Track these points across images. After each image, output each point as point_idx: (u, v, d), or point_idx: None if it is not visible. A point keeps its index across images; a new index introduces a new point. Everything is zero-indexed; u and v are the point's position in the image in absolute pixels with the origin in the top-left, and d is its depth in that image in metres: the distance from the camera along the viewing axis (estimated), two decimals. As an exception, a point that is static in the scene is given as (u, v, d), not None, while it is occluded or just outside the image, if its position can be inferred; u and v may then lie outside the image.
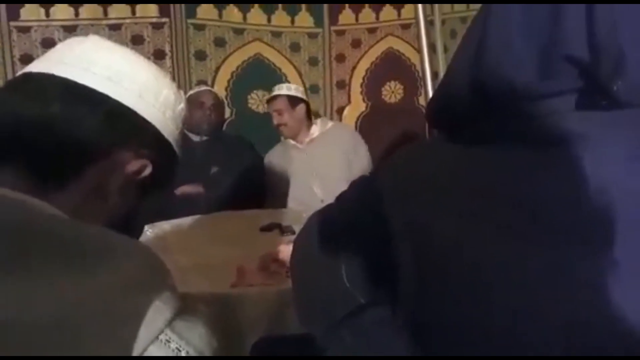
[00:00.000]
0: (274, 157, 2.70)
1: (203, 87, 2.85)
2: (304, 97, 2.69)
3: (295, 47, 3.32)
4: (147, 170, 0.62)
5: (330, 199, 0.80)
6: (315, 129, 2.64)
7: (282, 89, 2.68)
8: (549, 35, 0.50)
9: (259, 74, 3.23)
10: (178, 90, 0.68)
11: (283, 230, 1.86)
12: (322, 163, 2.48)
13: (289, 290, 1.23)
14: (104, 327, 0.43)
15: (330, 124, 2.72)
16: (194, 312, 0.52)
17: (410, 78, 3.37)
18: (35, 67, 0.60)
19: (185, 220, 2.06)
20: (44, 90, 0.57)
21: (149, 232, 1.85)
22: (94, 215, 0.57)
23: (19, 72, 0.61)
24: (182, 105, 0.69)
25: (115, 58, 0.62)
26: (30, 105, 0.56)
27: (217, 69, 3.16)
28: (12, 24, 2.85)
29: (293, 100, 2.60)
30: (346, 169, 2.46)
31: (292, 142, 2.64)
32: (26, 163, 0.54)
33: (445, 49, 2.00)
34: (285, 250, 1.29)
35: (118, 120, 0.59)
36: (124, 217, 0.62)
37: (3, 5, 2.83)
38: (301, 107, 2.61)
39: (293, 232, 1.80)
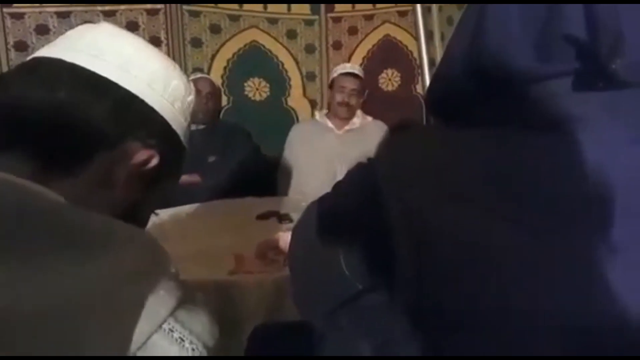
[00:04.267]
0: (301, 133, 2.65)
1: (199, 75, 2.83)
2: None
3: (291, 34, 3.30)
4: (154, 161, 0.61)
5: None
6: (357, 121, 2.61)
7: (358, 69, 2.63)
8: (546, 15, 0.50)
9: (255, 62, 3.22)
10: (188, 82, 0.67)
11: (281, 218, 1.86)
12: (356, 154, 2.45)
13: (287, 278, 1.24)
14: (104, 315, 0.43)
15: (369, 118, 2.68)
16: (196, 301, 0.52)
17: (407, 66, 3.36)
18: (45, 52, 0.59)
19: (183, 209, 2.07)
20: (52, 75, 0.56)
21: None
22: (100, 205, 0.57)
23: (32, 56, 0.60)
24: (192, 97, 0.68)
25: (125, 46, 0.61)
26: (39, 90, 0.55)
27: (213, 56, 3.14)
28: (6, 10, 2.82)
29: (364, 87, 2.56)
30: None
31: (329, 124, 2.60)
32: (32, 149, 0.54)
33: (443, 36, 2.00)
34: (284, 238, 1.29)
35: (127, 109, 0.58)
36: (130, 207, 0.62)
37: (-3, -8, 2.81)
38: (364, 97, 2.59)
39: (291, 220, 1.80)
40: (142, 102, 0.60)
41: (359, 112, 2.66)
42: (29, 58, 0.60)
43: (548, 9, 0.49)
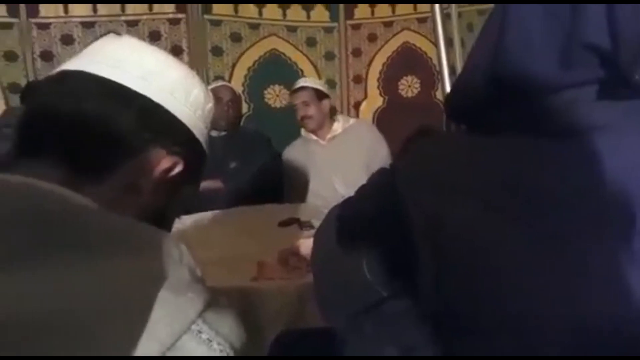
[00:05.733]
0: (293, 152, 2.70)
1: (220, 83, 2.87)
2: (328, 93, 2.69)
3: (311, 42, 3.33)
4: (178, 168, 0.63)
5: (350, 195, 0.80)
6: (338, 126, 2.63)
7: (308, 82, 2.67)
8: (569, 25, 0.50)
9: (275, 69, 3.25)
10: (207, 90, 0.70)
11: (302, 225, 1.87)
12: (344, 160, 2.48)
13: (309, 285, 1.25)
14: (129, 318, 0.45)
15: (351, 120, 2.71)
16: (222, 304, 0.53)
17: (427, 72, 3.36)
18: (70, 65, 0.62)
19: (205, 215, 2.09)
20: (79, 87, 0.59)
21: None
22: (126, 211, 0.59)
23: (58, 69, 0.62)
24: (211, 104, 0.70)
25: (147, 57, 0.64)
26: (67, 101, 0.58)
27: (234, 64, 3.18)
28: (32, 20, 2.89)
29: (319, 94, 2.60)
30: (367, 166, 2.46)
31: (313, 137, 2.63)
32: (61, 158, 0.56)
33: (463, 43, 1.99)
34: (305, 245, 1.30)
35: (151, 118, 0.60)
36: (155, 213, 0.64)
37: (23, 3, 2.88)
38: (327, 102, 2.62)
39: (312, 227, 1.81)
40: (165, 110, 0.62)
41: (339, 117, 2.69)
42: (55, 71, 0.63)
43: (571, 17, 0.49)
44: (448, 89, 1.82)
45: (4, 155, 0.60)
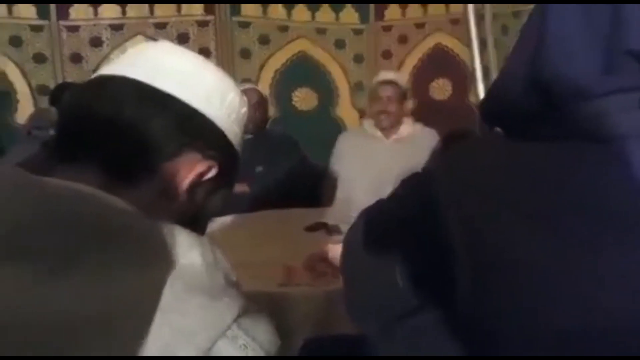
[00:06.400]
0: (350, 143, 2.61)
1: (247, 86, 2.90)
2: None
3: (340, 44, 3.34)
4: (213, 172, 0.64)
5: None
6: (405, 129, 2.55)
7: (398, 78, 2.58)
8: (610, 31, 0.49)
9: (303, 72, 3.27)
10: (242, 94, 0.71)
11: (329, 230, 1.88)
12: (406, 164, 2.39)
13: (337, 291, 1.25)
14: (139, 324, 0.46)
15: (417, 125, 2.63)
16: (256, 310, 0.55)
17: (459, 74, 3.34)
18: (109, 69, 0.64)
19: (230, 219, 2.11)
20: (118, 91, 0.61)
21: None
22: (161, 214, 0.60)
23: (96, 74, 0.65)
24: (245, 108, 0.72)
25: (183, 62, 0.66)
26: (105, 106, 0.60)
27: (262, 66, 3.21)
28: (62, 23, 2.97)
29: (404, 93, 2.53)
30: None
31: (378, 134, 2.54)
32: (100, 162, 0.59)
33: (496, 45, 1.98)
34: (334, 250, 1.31)
35: (187, 123, 0.62)
36: (190, 217, 0.65)
37: (53, 5, 2.96)
38: (408, 103, 2.56)
39: (340, 232, 1.81)
40: (201, 115, 0.64)
41: (408, 120, 2.62)
42: (94, 75, 0.65)
43: (611, 23, 0.49)
44: (481, 91, 1.81)
45: (37, 157, 0.62)
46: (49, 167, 0.59)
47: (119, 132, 0.60)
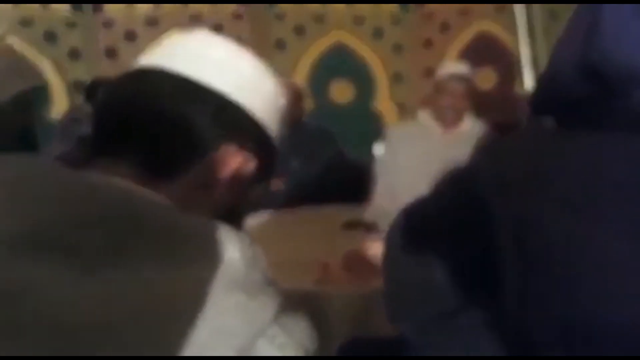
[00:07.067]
0: (400, 135, 2.54)
1: (283, 78, 2.91)
2: None
3: (378, 33, 3.31)
4: (251, 164, 0.65)
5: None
6: (466, 124, 2.50)
7: (470, 73, 2.48)
8: None
9: (340, 63, 3.26)
10: (279, 85, 0.71)
11: (368, 227, 1.87)
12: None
13: (376, 291, 1.24)
14: (199, 318, 0.46)
15: (478, 122, 2.57)
16: (293, 308, 0.54)
17: (505, 63, 3.27)
18: (147, 60, 0.65)
19: (266, 215, 2.12)
20: (155, 84, 0.62)
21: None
22: (200, 208, 0.61)
23: (136, 67, 0.65)
24: (283, 99, 0.72)
25: (222, 53, 0.66)
26: (142, 99, 0.61)
27: (297, 58, 3.22)
28: (97, 17, 3.04)
29: (472, 89, 2.46)
30: None
31: (436, 127, 2.46)
32: (137, 156, 0.59)
33: (546, 32, 1.92)
34: (373, 247, 1.30)
35: (226, 115, 0.62)
36: (227, 210, 0.66)
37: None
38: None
39: (378, 230, 1.80)
40: (238, 107, 0.64)
41: (469, 115, 2.53)
42: (134, 68, 0.66)
43: None
44: (528, 81, 1.77)
45: (73, 152, 0.63)
46: (85, 162, 0.60)
47: (156, 126, 0.60)
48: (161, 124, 0.60)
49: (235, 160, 0.63)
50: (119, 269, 0.46)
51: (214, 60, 0.64)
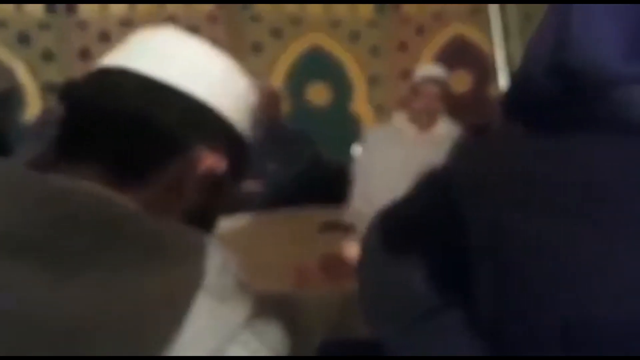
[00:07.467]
0: (376, 139, 2.54)
1: (259, 81, 2.90)
2: None
3: (355, 36, 3.32)
4: (222, 165, 0.63)
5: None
6: (441, 127, 2.49)
7: (444, 76, 2.48)
8: (637, 13, 0.49)
9: (317, 66, 3.26)
10: (250, 84, 0.70)
11: (345, 229, 1.87)
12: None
13: (353, 294, 1.24)
14: (169, 324, 0.46)
15: (452, 126, 2.58)
16: (267, 312, 0.54)
17: (479, 66, 3.31)
18: (110, 60, 0.63)
19: (242, 218, 2.11)
20: (119, 85, 0.60)
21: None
22: (169, 211, 0.60)
23: (98, 66, 0.63)
24: (254, 98, 0.70)
25: (188, 51, 0.64)
26: (107, 102, 0.59)
27: (274, 60, 3.21)
28: (70, 19, 3.00)
29: (448, 91, 2.47)
30: None
31: (411, 129, 2.47)
32: (104, 159, 0.57)
33: (521, 33, 1.95)
34: (351, 250, 1.30)
35: (193, 115, 0.61)
36: (199, 213, 0.65)
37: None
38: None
39: (356, 232, 1.80)
40: (207, 107, 0.62)
41: (443, 118, 2.53)
42: (95, 67, 0.64)
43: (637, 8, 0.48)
44: (504, 83, 1.79)
45: (43, 155, 0.62)
46: (53, 165, 0.58)
47: (120, 128, 0.58)
48: (125, 126, 0.58)
49: (205, 162, 0.62)
50: (98, 271, 0.45)
51: (181, 60, 0.62)
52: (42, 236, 0.46)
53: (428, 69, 2.54)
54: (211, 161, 0.62)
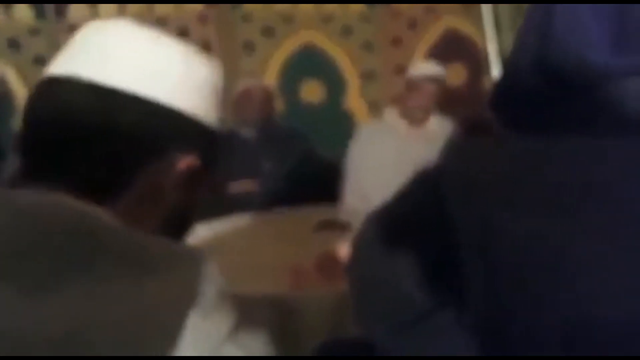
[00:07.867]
0: (369, 136, 2.55)
1: (252, 80, 2.89)
2: None
3: (347, 31, 3.31)
4: (194, 164, 0.61)
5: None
6: (433, 123, 2.49)
7: (443, 74, 2.49)
8: (622, 7, 0.49)
9: (310, 63, 3.25)
10: (211, 66, 0.65)
11: (341, 227, 1.86)
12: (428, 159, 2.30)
13: (348, 292, 1.24)
14: (156, 340, 0.45)
15: (447, 121, 2.59)
16: (253, 320, 0.53)
17: (473, 60, 3.30)
18: (57, 67, 0.59)
19: (238, 219, 2.11)
20: (70, 97, 0.57)
21: (201, 230, 1.89)
22: (146, 219, 0.59)
23: (44, 75, 0.60)
24: (218, 81, 0.65)
25: (139, 48, 0.59)
26: (59, 113, 0.56)
27: (266, 59, 3.20)
28: (61, 24, 2.99)
29: (444, 90, 2.48)
30: None
31: (403, 126, 2.48)
32: (71, 175, 0.56)
33: (514, 27, 1.94)
34: (345, 249, 1.29)
35: (154, 119, 0.58)
36: (176, 218, 0.63)
37: (51, 5, 2.98)
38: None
39: (352, 230, 1.80)
40: (168, 107, 0.58)
41: (435, 114, 2.52)
42: (45, 76, 0.59)
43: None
44: (496, 76, 1.78)
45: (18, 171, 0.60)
46: (20, 179, 0.57)
47: (79, 142, 0.56)
48: (84, 139, 0.56)
49: (178, 164, 0.60)
50: (78, 286, 0.45)
51: (133, 59, 0.58)
52: (14, 255, 0.46)
53: (426, 67, 2.53)
54: (185, 161, 0.60)
